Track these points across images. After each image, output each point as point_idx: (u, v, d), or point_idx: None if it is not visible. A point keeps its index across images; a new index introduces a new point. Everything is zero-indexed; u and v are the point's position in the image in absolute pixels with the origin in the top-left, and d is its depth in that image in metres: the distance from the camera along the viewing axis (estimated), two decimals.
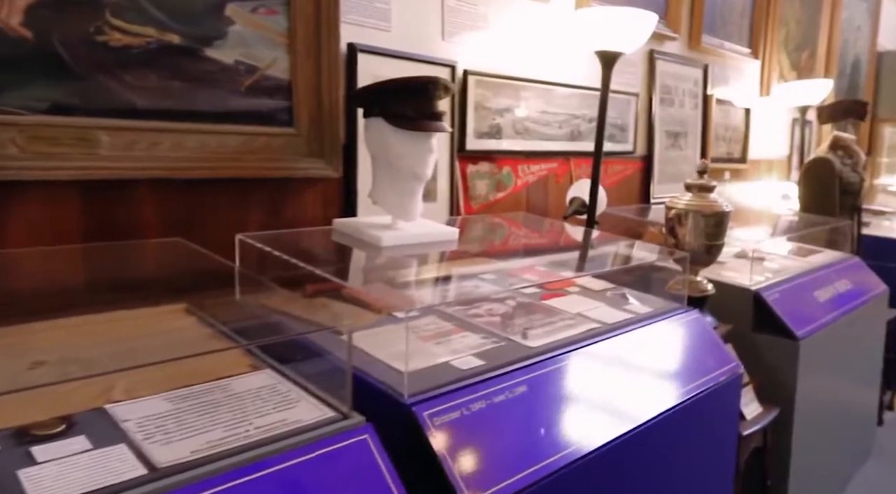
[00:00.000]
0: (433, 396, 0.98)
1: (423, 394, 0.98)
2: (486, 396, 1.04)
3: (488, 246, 1.86)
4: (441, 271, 1.57)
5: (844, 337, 2.20)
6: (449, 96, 1.40)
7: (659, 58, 2.71)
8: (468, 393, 1.02)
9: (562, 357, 1.20)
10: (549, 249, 1.93)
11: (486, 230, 1.94)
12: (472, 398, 1.02)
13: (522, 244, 1.94)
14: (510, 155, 2.07)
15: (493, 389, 1.06)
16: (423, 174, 1.38)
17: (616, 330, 1.38)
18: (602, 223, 2.31)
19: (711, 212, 1.75)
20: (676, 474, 1.34)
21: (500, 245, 1.89)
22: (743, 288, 1.95)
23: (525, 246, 1.93)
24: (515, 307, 1.49)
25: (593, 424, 1.13)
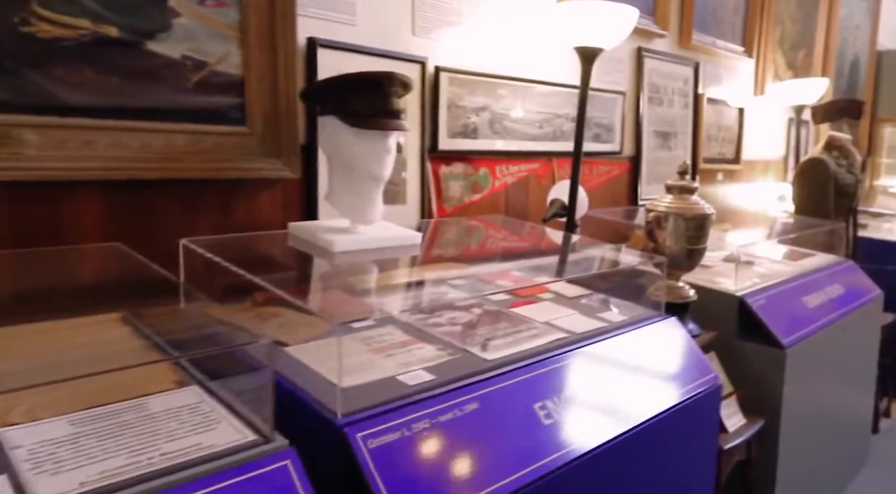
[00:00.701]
0: (370, 416, 0.90)
1: (358, 414, 0.90)
2: (432, 415, 0.96)
3: (461, 250, 1.79)
4: (406, 277, 1.50)
5: (835, 343, 2.11)
6: (407, 93, 1.32)
7: (647, 55, 2.63)
8: (411, 411, 0.94)
9: (521, 370, 1.13)
10: (524, 253, 1.85)
11: (459, 233, 1.86)
12: (416, 417, 0.94)
13: (497, 248, 1.86)
14: (487, 155, 2.00)
15: (440, 407, 0.98)
16: (381, 175, 1.30)
17: (585, 341, 1.30)
18: (584, 226, 2.23)
19: (692, 215, 1.66)
20: (650, 493, 1.27)
21: (473, 249, 1.81)
22: (727, 293, 1.87)
23: (499, 250, 1.85)
24: (481, 315, 1.41)
25: (554, 442, 1.05)
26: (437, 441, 0.93)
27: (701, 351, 1.67)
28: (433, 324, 1.32)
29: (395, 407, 0.94)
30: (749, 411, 1.79)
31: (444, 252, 1.75)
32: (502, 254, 1.82)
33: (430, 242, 1.81)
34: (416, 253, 1.45)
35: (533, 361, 1.16)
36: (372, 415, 0.90)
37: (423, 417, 0.95)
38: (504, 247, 1.86)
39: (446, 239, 1.82)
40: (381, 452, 0.87)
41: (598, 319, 1.46)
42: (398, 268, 1.45)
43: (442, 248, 1.77)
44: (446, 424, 0.96)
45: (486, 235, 1.91)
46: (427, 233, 1.81)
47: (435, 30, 1.80)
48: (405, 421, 0.92)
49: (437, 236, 1.82)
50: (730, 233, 3.10)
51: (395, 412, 0.93)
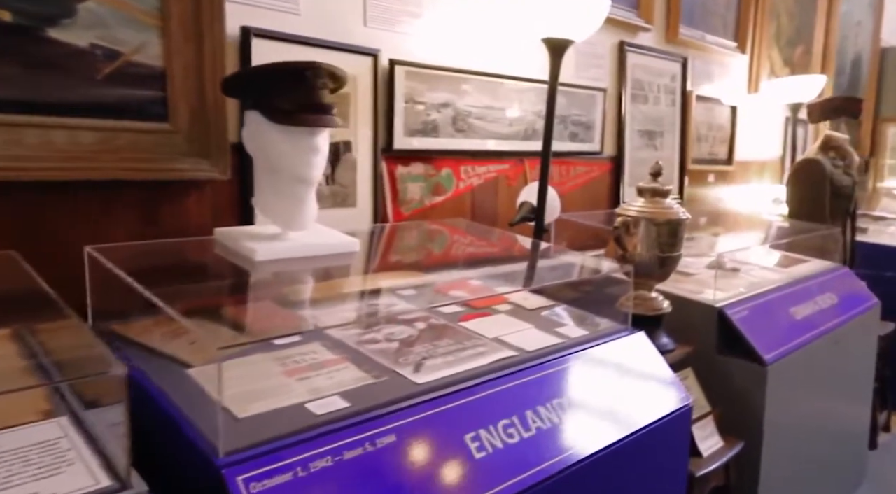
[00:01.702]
0: (258, 453, 0.79)
1: (244, 451, 0.78)
2: (336, 451, 0.84)
3: (417, 257, 1.67)
4: (343, 287, 1.38)
5: (826, 357, 1.99)
6: (340, 86, 1.21)
7: (630, 50, 2.51)
8: (310, 447, 0.83)
9: (454, 395, 1.01)
10: (486, 261, 1.73)
11: (416, 239, 1.75)
12: (315, 454, 0.82)
13: (456, 255, 1.74)
14: (450, 155, 1.88)
15: (348, 441, 0.86)
16: (308, 177, 1.19)
17: (535, 360, 1.18)
18: (558, 230, 2.11)
19: (665, 220, 1.55)
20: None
21: (430, 256, 1.70)
22: (706, 305, 1.75)
23: (459, 257, 1.74)
24: (424, 330, 1.30)
25: (485, 478, 0.94)
26: (337, 483, 0.81)
27: (670, 368, 1.55)
28: (368, 341, 1.21)
29: (290, 442, 0.82)
30: (728, 432, 1.67)
31: (397, 259, 1.64)
32: (461, 262, 1.70)
33: (383, 248, 1.70)
34: (355, 261, 1.34)
35: (470, 384, 1.05)
36: (261, 453, 0.79)
37: (324, 454, 0.83)
38: (464, 254, 1.75)
39: (402, 244, 1.71)
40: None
41: (555, 335, 1.34)
42: (333, 278, 1.34)
43: (396, 255, 1.66)
44: (353, 462, 0.84)
45: (446, 241, 1.80)
46: (380, 238, 1.69)
47: (390, 20, 1.69)
48: (301, 459, 0.81)
49: (391, 242, 1.70)
50: (721, 237, 2.98)
51: (289, 448, 0.81)
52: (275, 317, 1.14)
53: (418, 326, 1.31)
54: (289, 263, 1.22)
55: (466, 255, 1.75)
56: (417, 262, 1.63)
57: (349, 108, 1.60)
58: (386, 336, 1.24)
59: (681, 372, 1.66)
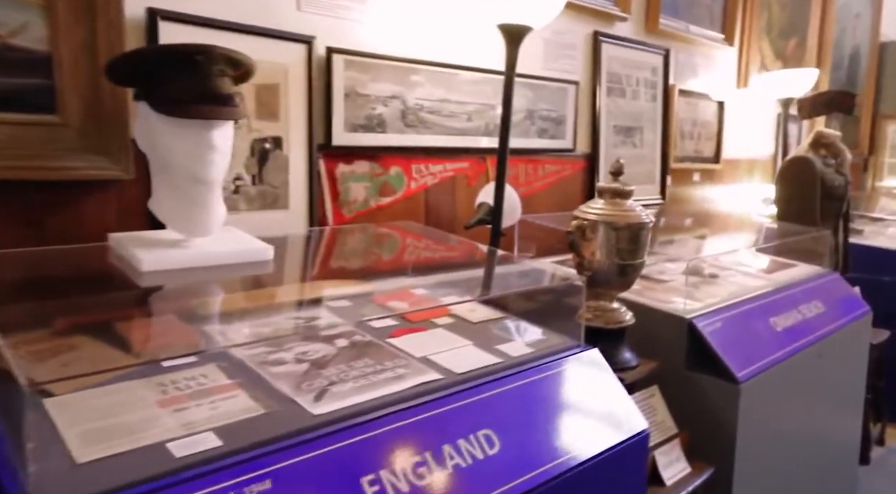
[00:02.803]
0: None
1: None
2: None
3: (355, 263, 1.54)
4: (261, 299, 1.25)
5: (809, 371, 1.86)
6: (244, 74, 1.08)
7: (605, 41, 2.38)
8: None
9: (352, 430, 0.88)
10: (434, 268, 1.61)
11: (357, 244, 1.62)
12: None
13: (401, 261, 1.61)
14: (399, 152, 1.75)
15: (209, 490, 0.73)
16: (205, 176, 1.06)
17: (463, 384, 1.05)
18: (522, 233, 1.99)
19: (625, 224, 1.42)
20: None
21: (371, 262, 1.57)
22: (675, 316, 1.62)
23: (404, 263, 1.61)
24: (344, 348, 1.17)
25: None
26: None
27: (633, 387, 1.43)
28: (274, 362, 1.08)
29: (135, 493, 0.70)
30: (698, 456, 1.54)
31: (333, 266, 1.51)
32: (406, 269, 1.57)
33: (317, 254, 1.57)
34: (272, 270, 1.21)
35: (376, 416, 0.92)
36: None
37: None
38: (410, 261, 1.62)
39: (340, 250, 1.58)
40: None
41: (495, 353, 1.21)
42: (241, 290, 1.21)
43: (332, 262, 1.53)
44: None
45: (391, 246, 1.67)
46: (314, 243, 1.57)
47: (327, 4, 1.56)
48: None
49: (327, 247, 1.58)
50: (704, 240, 2.85)
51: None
52: (161, 335, 1.01)
53: (338, 344, 1.18)
54: (184, 274, 1.09)
55: (412, 262, 1.62)
56: (356, 270, 1.51)
57: (278, 101, 1.47)
58: (297, 356, 1.11)
59: (645, 390, 1.54)
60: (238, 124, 1.41)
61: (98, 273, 1.12)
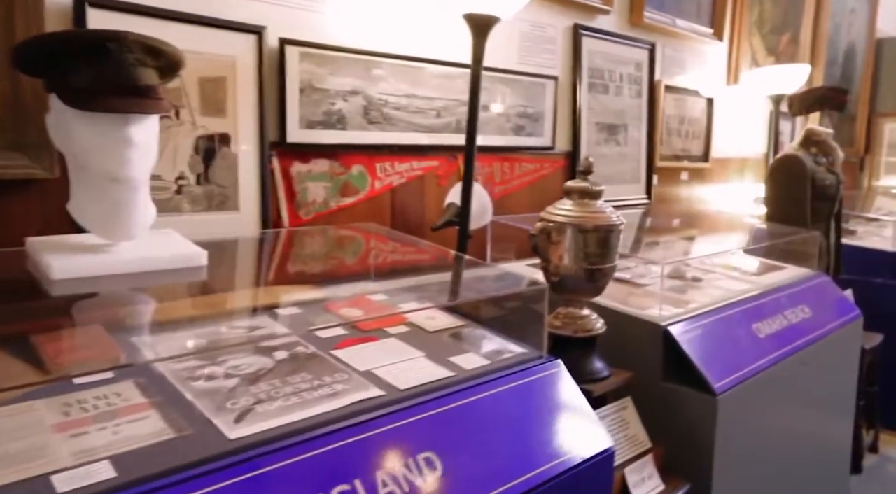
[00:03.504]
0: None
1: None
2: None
3: (309, 268, 1.46)
4: (199, 307, 1.17)
5: (794, 379, 1.77)
6: (166, 64, 0.99)
7: (586, 34, 2.30)
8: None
9: (270, 457, 0.80)
10: (395, 272, 1.52)
11: (313, 247, 1.53)
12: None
13: (360, 265, 1.53)
14: (362, 150, 1.67)
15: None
16: (122, 175, 0.97)
17: (406, 402, 0.97)
18: (495, 235, 1.90)
19: (593, 226, 1.33)
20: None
21: (327, 267, 1.48)
22: (650, 322, 1.54)
23: (363, 267, 1.52)
24: (282, 361, 1.08)
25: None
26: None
27: (602, 400, 1.34)
28: (201, 377, 0.99)
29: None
30: (674, 472, 1.46)
31: (285, 270, 1.43)
32: (364, 274, 1.49)
33: (269, 259, 1.48)
34: (203, 277, 1.12)
35: (299, 440, 0.83)
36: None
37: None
38: (370, 265, 1.54)
39: (294, 254, 1.49)
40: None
41: (447, 366, 1.13)
42: (172, 298, 1.12)
43: (284, 266, 1.44)
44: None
45: (350, 249, 1.59)
46: (267, 247, 1.48)
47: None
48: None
49: (281, 251, 1.49)
50: (691, 241, 2.77)
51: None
52: (74, 349, 0.93)
53: (277, 356, 1.10)
54: (101, 282, 1.00)
55: (372, 266, 1.53)
56: (309, 275, 1.42)
57: (226, 96, 1.39)
58: (228, 370, 1.03)
59: (617, 402, 1.45)
60: (179, 120, 1.33)
61: (7, 281, 1.03)
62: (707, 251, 2.55)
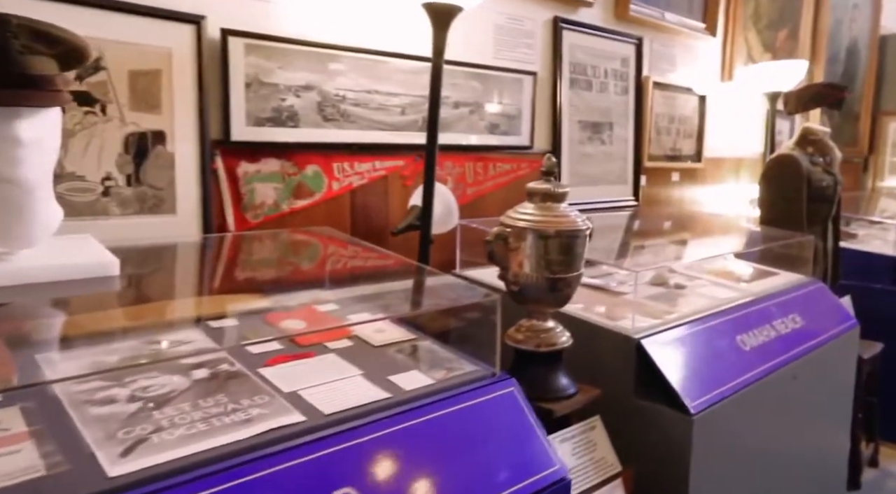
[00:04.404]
0: None
1: None
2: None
3: (251, 275, 1.36)
4: (116, 320, 1.07)
5: (782, 394, 1.67)
6: (62, 51, 0.90)
7: (567, 28, 2.20)
8: None
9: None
10: (347, 280, 1.42)
11: (259, 253, 1.44)
12: None
13: (309, 272, 1.43)
14: (317, 149, 1.57)
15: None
16: (14, 176, 0.88)
17: (330, 429, 0.87)
18: (464, 239, 1.80)
19: (555, 232, 1.23)
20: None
21: (271, 274, 1.39)
22: (622, 335, 1.43)
23: (312, 275, 1.42)
24: (200, 381, 0.99)
25: None
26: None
27: (554, 424, 1.24)
28: (102, 400, 0.90)
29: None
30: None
31: (223, 279, 1.33)
32: (311, 282, 1.39)
33: (211, 265, 1.39)
34: (116, 288, 1.03)
35: (190, 478, 0.74)
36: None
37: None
38: (318, 272, 1.44)
39: (237, 260, 1.40)
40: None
41: (385, 386, 1.03)
42: (76, 311, 1.03)
43: (223, 274, 1.35)
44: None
45: (299, 255, 1.49)
46: (207, 253, 1.39)
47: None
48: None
49: (221, 257, 1.39)
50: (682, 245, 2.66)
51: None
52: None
53: (195, 375, 1.00)
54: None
55: (321, 273, 1.43)
56: (251, 283, 1.33)
57: (160, 90, 1.29)
58: (134, 392, 0.93)
59: (584, 422, 1.35)
60: (106, 116, 1.23)
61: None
62: (696, 255, 2.45)
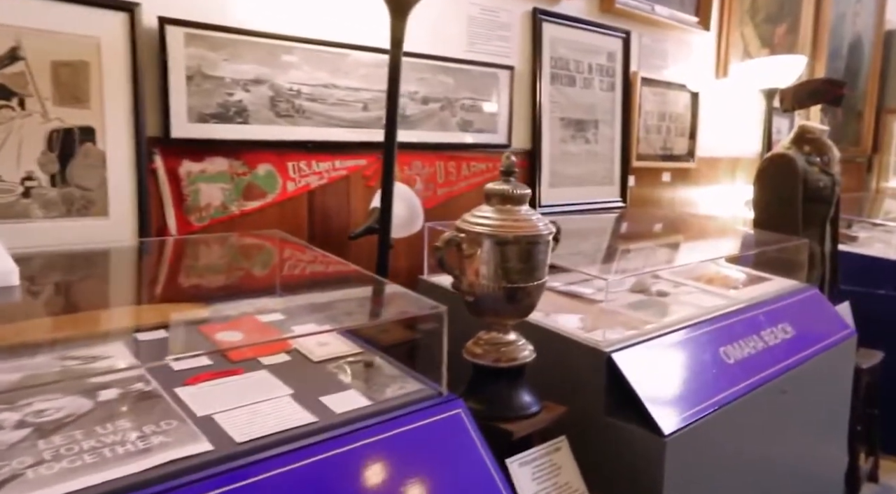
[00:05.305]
0: None
1: None
2: None
3: (190, 283, 1.28)
4: (20, 334, 0.99)
5: (771, 409, 1.57)
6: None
7: (547, 20, 2.10)
8: None
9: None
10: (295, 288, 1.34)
11: (201, 259, 1.35)
12: None
13: (251, 280, 1.34)
14: (270, 147, 1.48)
15: None
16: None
17: (239, 460, 0.78)
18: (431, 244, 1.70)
19: (513, 237, 1.14)
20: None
21: (211, 281, 1.30)
22: (592, 348, 1.34)
23: (255, 282, 1.34)
24: (105, 404, 0.90)
25: None
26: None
27: (511, 448, 1.15)
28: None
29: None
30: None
31: (159, 287, 1.25)
32: (254, 290, 1.30)
33: (151, 272, 1.30)
34: (15, 299, 0.94)
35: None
36: None
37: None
38: (263, 279, 1.35)
39: (176, 266, 1.31)
40: None
41: (315, 409, 0.94)
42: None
43: (158, 282, 1.26)
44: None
45: (243, 261, 1.40)
46: (145, 258, 1.30)
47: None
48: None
49: (159, 263, 1.31)
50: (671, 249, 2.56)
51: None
52: None
53: (101, 397, 0.91)
54: None
55: (266, 281, 1.35)
56: (188, 290, 1.24)
57: (88, 83, 1.20)
58: (26, 417, 0.84)
59: (549, 443, 1.25)
60: (25, 111, 1.15)
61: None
62: (683, 260, 2.35)
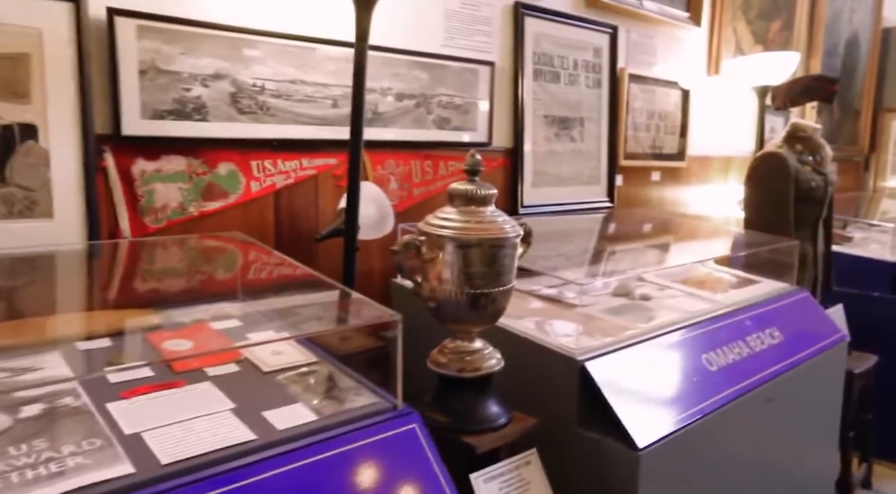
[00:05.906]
0: None
1: None
2: None
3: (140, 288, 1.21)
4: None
5: (756, 418, 1.51)
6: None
7: (530, 14, 2.04)
8: None
9: None
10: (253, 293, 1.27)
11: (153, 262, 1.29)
12: None
13: (205, 285, 1.28)
14: (231, 145, 1.42)
15: None
16: None
17: (160, 484, 0.72)
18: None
19: (478, 240, 1.07)
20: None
21: (162, 286, 1.24)
22: (565, 356, 1.28)
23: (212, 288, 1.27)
24: (24, 421, 0.83)
25: None
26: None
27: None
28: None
29: None
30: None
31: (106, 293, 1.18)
32: (212, 295, 1.24)
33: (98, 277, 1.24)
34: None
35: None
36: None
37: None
38: (222, 284, 1.29)
39: (125, 271, 1.25)
40: None
41: (256, 425, 0.87)
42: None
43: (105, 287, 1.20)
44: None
45: (198, 265, 1.34)
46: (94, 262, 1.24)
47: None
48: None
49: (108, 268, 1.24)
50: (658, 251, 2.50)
51: None
52: None
53: (22, 413, 0.85)
54: None
55: (226, 285, 1.28)
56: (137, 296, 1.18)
57: (29, 77, 1.14)
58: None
59: (517, 457, 1.19)
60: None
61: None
62: (673, 262, 2.29)
